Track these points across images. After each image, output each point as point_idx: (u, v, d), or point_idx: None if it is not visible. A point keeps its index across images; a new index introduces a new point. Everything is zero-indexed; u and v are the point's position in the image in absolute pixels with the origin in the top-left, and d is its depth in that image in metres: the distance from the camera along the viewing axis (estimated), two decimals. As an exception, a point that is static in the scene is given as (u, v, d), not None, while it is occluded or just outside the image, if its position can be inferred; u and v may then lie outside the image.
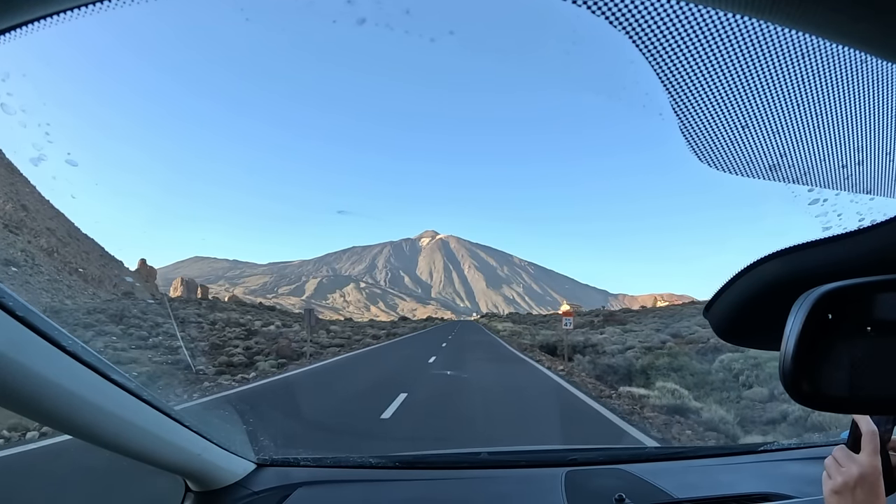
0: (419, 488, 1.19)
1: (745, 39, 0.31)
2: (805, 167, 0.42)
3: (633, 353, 13.88)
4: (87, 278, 45.07)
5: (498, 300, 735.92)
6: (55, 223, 49.93)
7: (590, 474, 1.22)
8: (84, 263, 48.57)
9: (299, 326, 28.53)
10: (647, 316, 35.06)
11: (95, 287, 42.65)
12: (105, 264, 55.77)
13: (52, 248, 43.09)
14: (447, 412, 6.12)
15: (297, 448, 3.41)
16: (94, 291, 38.60)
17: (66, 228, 52.72)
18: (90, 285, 42.43)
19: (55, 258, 41.96)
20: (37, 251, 39.05)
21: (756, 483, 1.17)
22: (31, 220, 44.14)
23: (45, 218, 47.83)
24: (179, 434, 0.83)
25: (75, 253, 48.41)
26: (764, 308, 0.54)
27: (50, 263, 39.24)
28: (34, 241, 41.01)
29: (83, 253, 51.17)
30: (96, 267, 51.11)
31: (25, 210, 43.99)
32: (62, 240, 47.43)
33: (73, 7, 0.35)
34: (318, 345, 19.66)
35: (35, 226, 43.96)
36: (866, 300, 0.42)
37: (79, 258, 48.28)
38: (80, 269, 45.29)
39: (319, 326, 29.38)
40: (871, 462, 0.55)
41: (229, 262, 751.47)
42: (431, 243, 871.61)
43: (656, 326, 24.05)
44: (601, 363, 12.51)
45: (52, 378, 0.58)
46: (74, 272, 43.44)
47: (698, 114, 0.37)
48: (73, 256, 46.58)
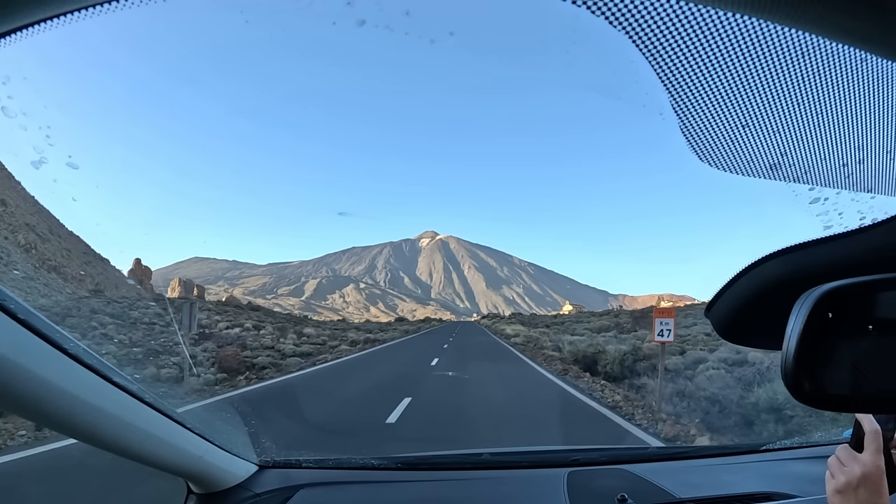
0: (421, 489, 1.19)
1: (744, 38, 0.31)
2: (806, 166, 0.42)
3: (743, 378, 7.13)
4: (67, 277, 44.01)
5: (498, 301, 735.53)
6: (36, 219, 48.89)
7: (592, 474, 1.22)
8: (65, 261, 47.49)
9: (272, 328, 24.08)
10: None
11: (75, 286, 41.51)
12: (88, 262, 54.82)
13: (30, 245, 41.94)
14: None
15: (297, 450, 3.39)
16: (73, 290, 37.80)
17: (48, 225, 51.65)
18: (70, 284, 41.21)
19: (32, 255, 40.86)
20: (13, 247, 37.83)
21: (758, 482, 1.16)
22: (10, 215, 42.98)
23: (25, 213, 46.77)
24: (181, 436, 0.83)
25: (56, 250, 47.41)
26: (765, 307, 0.53)
27: (26, 260, 38.06)
28: (11, 237, 39.73)
29: (65, 250, 50.07)
30: (77, 265, 49.98)
31: (4, 205, 42.88)
32: (42, 236, 46.37)
33: (73, 10, 0.35)
34: (280, 353, 15.01)
35: (13, 221, 42.83)
36: (868, 299, 0.42)
37: (59, 256, 47.20)
38: (61, 267, 44.27)
39: (291, 328, 25.18)
40: (875, 461, 0.54)
41: (229, 263, 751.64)
42: (431, 244, 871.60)
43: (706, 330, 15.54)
44: (705, 406, 6.62)
45: (54, 380, 0.58)
46: (53, 270, 42.28)
47: (698, 113, 0.37)
48: (52, 254, 45.56)
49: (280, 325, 26.74)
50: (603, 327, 26.40)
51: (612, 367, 10.09)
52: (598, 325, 28.27)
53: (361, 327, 40.71)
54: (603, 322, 30.17)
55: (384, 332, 34.75)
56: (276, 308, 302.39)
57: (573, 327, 29.51)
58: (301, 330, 25.36)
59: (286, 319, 39.31)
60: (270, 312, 48.78)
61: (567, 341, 16.38)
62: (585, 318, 40.83)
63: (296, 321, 38.68)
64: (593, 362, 11.47)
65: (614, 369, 9.79)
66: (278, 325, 26.54)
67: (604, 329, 25.05)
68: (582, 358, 12.15)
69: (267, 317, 37.60)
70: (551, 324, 39.05)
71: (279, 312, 61.87)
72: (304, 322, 39.24)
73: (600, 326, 26.89)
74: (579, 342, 14.72)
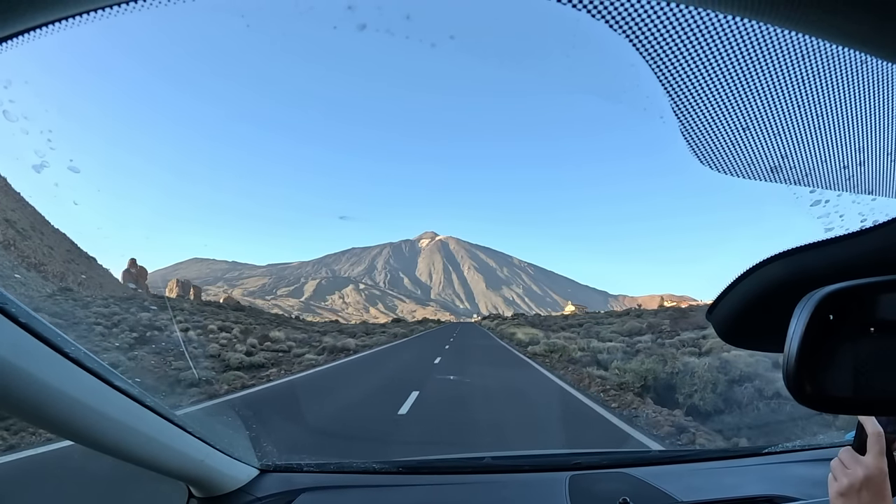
0: (423, 493, 1.18)
1: (744, 41, 0.31)
2: (806, 168, 0.42)
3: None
4: (48, 275, 42.90)
5: (498, 301, 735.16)
6: (18, 215, 47.75)
7: (594, 478, 1.21)
8: (46, 259, 46.31)
9: (238, 330, 20.45)
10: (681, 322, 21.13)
11: (56, 284, 41.02)
12: (71, 260, 53.71)
13: (8, 241, 40.87)
14: None
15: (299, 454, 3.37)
16: (52, 290, 37.21)
17: (31, 221, 50.41)
18: (50, 282, 40.34)
19: (11, 252, 39.87)
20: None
21: (761, 485, 1.16)
22: (-12, 211, 41.82)
23: (5, 209, 45.65)
24: (182, 440, 0.83)
25: (36, 247, 46.23)
26: (767, 310, 0.53)
27: (3, 257, 37.07)
28: (-12, 234, 38.64)
29: (46, 248, 48.84)
30: (59, 263, 48.55)
31: (-19, 201, 42.13)
32: (22, 232, 45.28)
33: (74, 14, 0.35)
34: (224, 364, 11.52)
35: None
36: (869, 301, 0.42)
37: (40, 253, 45.97)
38: (41, 265, 43.14)
39: (260, 331, 21.07)
40: (877, 464, 0.54)
41: (228, 264, 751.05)
42: (431, 244, 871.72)
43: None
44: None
45: (55, 384, 0.58)
46: (33, 268, 41.07)
47: (699, 116, 0.37)
48: (32, 251, 44.44)
49: (246, 328, 23.05)
50: (634, 329, 20.65)
51: (703, 398, 6.30)
52: (629, 326, 22.03)
53: (346, 329, 34.84)
54: (632, 323, 23.14)
55: (370, 335, 28.68)
56: (274, 309, 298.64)
57: (595, 330, 23.51)
58: (267, 333, 20.47)
59: (269, 320, 36.50)
60: (256, 312, 46.81)
61: (615, 359, 10.28)
62: (604, 319, 34.70)
63: (279, 322, 36.33)
64: (669, 388, 7.28)
65: (705, 400, 6.13)
66: (244, 328, 22.70)
67: (635, 332, 19.60)
68: (653, 382, 7.58)
69: (248, 317, 33.82)
70: (566, 325, 31.96)
71: (268, 312, 58.83)
72: (287, 323, 36.68)
73: (631, 329, 21.15)
74: (629, 356, 10.34)
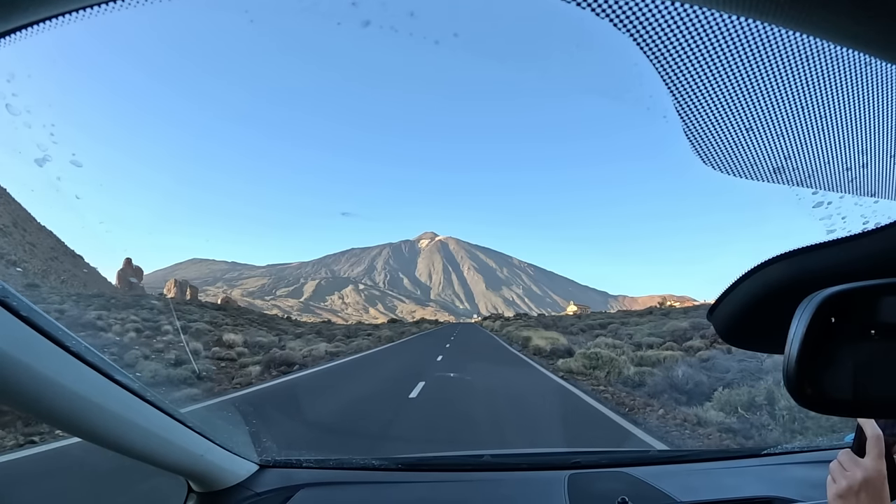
0: (422, 490, 1.18)
1: (748, 42, 0.31)
2: (809, 170, 0.42)
3: None
4: (28, 272, 42.24)
5: (497, 302, 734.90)
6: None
7: (593, 477, 1.21)
8: (27, 256, 45.86)
9: (195, 331, 18.95)
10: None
11: (39, 282, 39.71)
12: (55, 258, 53.00)
13: None
14: None
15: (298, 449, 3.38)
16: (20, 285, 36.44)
17: (13, 217, 49.92)
18: (30, 279, 39.52)
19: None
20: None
21: (760, 487, 1.16)
22: (-33, 208, 41.11)
23: None
24: (182, 435, 0.83)
25: (17, 244, 45.82)
26: (768, 311, 0.53)
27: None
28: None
29: (28, 245, 48.42)
30: (41, 260, 48.25)
31: (-38, 198, 41.38)
32: (3, 229, 44.90)
33: (74, 10, 0.35)
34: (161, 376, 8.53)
35: (-30, 214, 40.93)
36: (870, 303, 0.42)
37: (20, 250, 45.57)
38: (21, 262, 42.19)
39: (214, 335, 18.64)
40: (876, 466, 0.54)
41: (227, 264, 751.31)
42: (430, 245, 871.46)
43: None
44: None
45: (56, 378, 0.58)
46: (12, 265, 40.65)
47: (702, 116, 0.37)
48: (13, 247, 44.14)
49: (211, 329, 21.27)
50: (678, 332, 16.07)
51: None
52: (671, 327, 17.63)
53: (326, 331, 30.92)
54: (675, 323, 18.43)
55: (352, 337, 25.11)
56: (273, 309, 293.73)
57: (625, 332, 19.66)
58: (221, 336, 18.05)
59: (250, 321, 34.09)
60: (243, 311, 44.67)
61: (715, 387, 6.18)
62: (625, 319, 29.57)
63: (263, 322, 34.54)
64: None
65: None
66: (194, 331, 20.45)
67: (679, 335, 15.46)
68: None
69: (226, 317, 31.68)
70: (586, 327, 26.54)
71: (256, 312, 55.50)
72: (271, 322, 34.72)
73: (674, 330, 16.61)
74: (739, 379, 6.43)
